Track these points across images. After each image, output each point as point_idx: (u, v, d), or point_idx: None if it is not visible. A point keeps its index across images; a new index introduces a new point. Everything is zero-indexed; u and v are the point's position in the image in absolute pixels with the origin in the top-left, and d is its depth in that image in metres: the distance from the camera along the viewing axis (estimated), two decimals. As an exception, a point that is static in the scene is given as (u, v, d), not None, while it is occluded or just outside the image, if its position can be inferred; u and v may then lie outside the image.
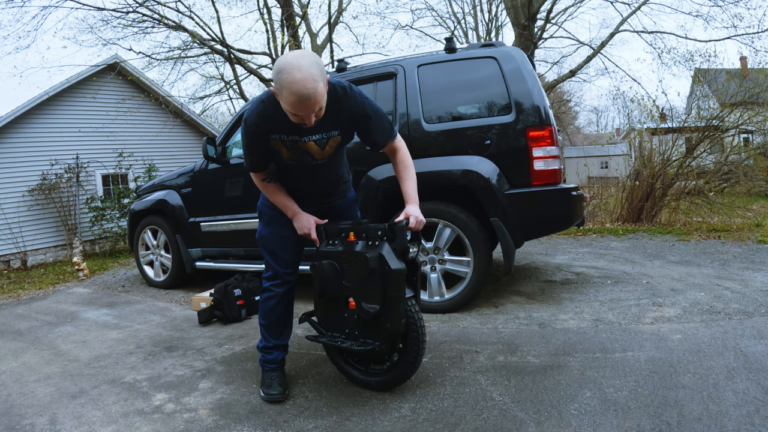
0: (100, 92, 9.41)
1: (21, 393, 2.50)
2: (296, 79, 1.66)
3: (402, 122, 3.43)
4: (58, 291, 5.45)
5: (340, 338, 2.15)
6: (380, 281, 1.96)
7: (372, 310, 1.98)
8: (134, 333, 3.46)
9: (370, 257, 1.96)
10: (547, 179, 3.16)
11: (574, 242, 5.82)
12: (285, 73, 1.67)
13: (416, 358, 2.08)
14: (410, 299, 2.07)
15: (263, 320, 2.32)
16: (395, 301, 1.97)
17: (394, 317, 1.98)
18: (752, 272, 3.82)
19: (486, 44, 3.53)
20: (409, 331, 2.06)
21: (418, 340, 2.05)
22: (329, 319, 2.20)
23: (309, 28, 14.49)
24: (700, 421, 1.74)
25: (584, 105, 48.13)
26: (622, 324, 2.82)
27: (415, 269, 2.14)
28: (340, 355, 2.30)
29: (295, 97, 1.68)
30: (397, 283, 1.95)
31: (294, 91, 1.67)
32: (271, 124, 1.94)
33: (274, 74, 1.73)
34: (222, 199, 4.24)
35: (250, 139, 2.01)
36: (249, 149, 2.06)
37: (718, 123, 7.40)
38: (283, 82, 1.68)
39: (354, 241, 2.08)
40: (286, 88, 1.68)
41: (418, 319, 2.06)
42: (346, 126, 2.05)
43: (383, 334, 2.03)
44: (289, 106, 1.72)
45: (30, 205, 8.52)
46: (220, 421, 2.03)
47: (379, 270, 1.95)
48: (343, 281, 2.07)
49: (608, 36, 12.94)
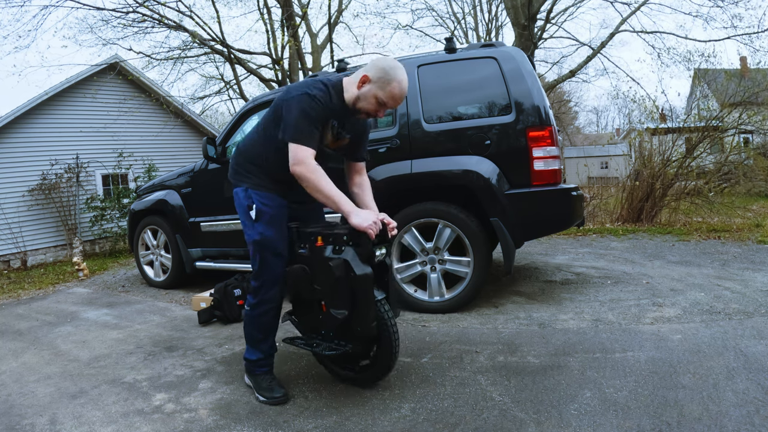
0: (100, 92, 9.41)
1: (21, 393, 2.50)
2: (404, 78, 1.99)
3: (402, 122, 3.43)
4: (58, 291, 5.45)
5: (315, 340, 2.19)
6: (346, 287, 1.97)
7: (340, 316, 1.99)
8: (134, 333, 3.46)
9: (333, 265, 1.96)
10: (547, 179, 3.17)
11: (574, 242, 5.82)
12: (398, 70, 1.98)
13: (390, 357, 2.10)
14: (380, 301, 2.07)
15: (260, 334, 2.21)
16: (364, 305, 1.98)
17: (364, 321, 1.99)
18: (752, 272, 3.82)
19: (486, 44, 3.53)
20: (382, 332, 2.07)
21: (390, 340, 2.07)
22: (306, 320, 2.24)
23: (309, 28, 14.47)
24: (700, 421, 1.74)
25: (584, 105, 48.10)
26: (622, 324, 2.82)
27: (385, 271, 2.13)
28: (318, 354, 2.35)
29: (399, 90, 1.98)
30: (363, 288, 1.96)
31: (401, 85, 1.98)
32: (333, 109, 2.04)
33: (380, 68, 1.98)
34: (222, 199, 4.24)
35: (316, 114, 1.98)
36: (310, 125, 1.97)
37: (717, 123, 7.41)
38: (395, 75, 1.96)
39: (322, 246, 2.07)
40: (396, 81, 1.97)
41: (389, 319, 2.07)
42: (357, 132, 2.21)
43: (355, 337, 2.06)
44: (390, 96, 1.99)
45: (30, 205, 8.51)
46: (220, 421, 2.03)
47: (344, 276, 1.96)
48: (314, 285, 2.08)
49: (608, 36, 12.93)
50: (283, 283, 2.19)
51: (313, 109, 1.96)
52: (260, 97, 4.27)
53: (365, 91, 2.00)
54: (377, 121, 3.56)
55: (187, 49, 10.60)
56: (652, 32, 12.31)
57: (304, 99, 1.95)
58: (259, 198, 2.16)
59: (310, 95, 1.96)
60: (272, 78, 12.00)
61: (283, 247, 2.18)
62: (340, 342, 2.10)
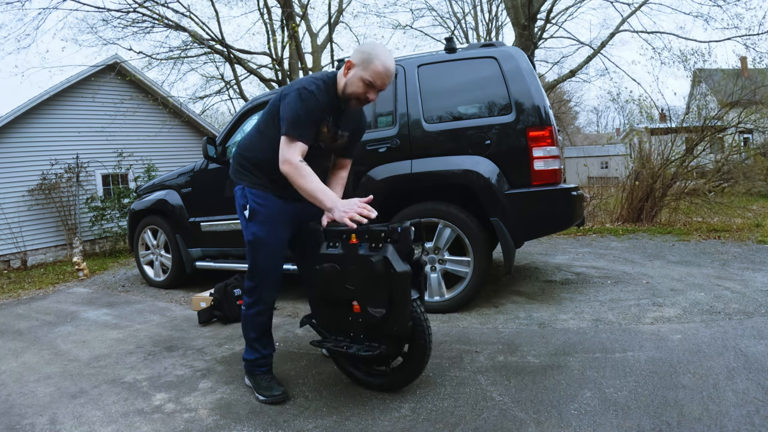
0: (100, 92, 9.40)
1: (21, 393, 2.50)
2: (387, 56, 2.00)
3: (402, 122, 3.43)
4: (58, 291, 5.45)
5: (345, 342, 2.11)
6: (386, 285, 1.93)
7: (378, 314, 1.95)
8: (134, 333, 3.46)
9: (375, 261, 1.92)
10: (547, 179, 3.17)
11: (574, 242, 5.83)
12: (379, 48, 2.01)
13: (423, 358, 2.07)
14: (415, 301, 2.05)
15: (253, 334, 2.22)
16: (401, 304, 1.94)
17: (401, 320, 1.95)
18: (752, 272, 3.82)
19: (486, 44, 3.53)
20: (416, 332, 2.04)
21: (424, 341, 2.04)
22: (332, 322, 2.15)
23: (309, 28, 14.47)
24: (700, 421, 1.74)
25: (584, 105, 48.11)
26: (622, 324, 2.82)
27: (419, 270, 2.11)
28: (343, 356, 2.27)
29: (383, 67, 1.98)
30: (402, 286, 1.92)
31: (384, 63, 1.98)
32: (330, 104, 2.07)
33: (361, 51, 2.01)
34: (222, 199, 4.24)
35: (313, 107, 2.00)
36: (306, 118, 1.98)
37: (717, 122, 7.40)
38: (377, 54, 1.98)
39: (356, 243, 2.02)
40: (377, 58, 1.97)
41: (423, 320, 2.04)
42: (353, 130, 2.25)
43: (390, 337, 2.00)
44: (375, 75, 1.98)
45: (30, 204, 8.51)
46: (220, 421, 2.03)
47: (384, 273, 1.92)
48: (346, 285, 2.01)
49: (608, 36, 12.91)
50: (281, 283, 2.18)
51: (309, 104, 1.98)
52: (260, 97, 4.27)
53: (351, 76, 2.03)
54: (378, 121, 3.56)
55: (188, 49, 10.60)
56: (653, 32, 12.30)
57: (303, 93, 1.98)
58: (253, 197, 2.15)
59: (308, 90, 1.99)
60: (272, 78, 12.00)
61: (279, 247, 2.16)
62: (372, 343, 2.03)
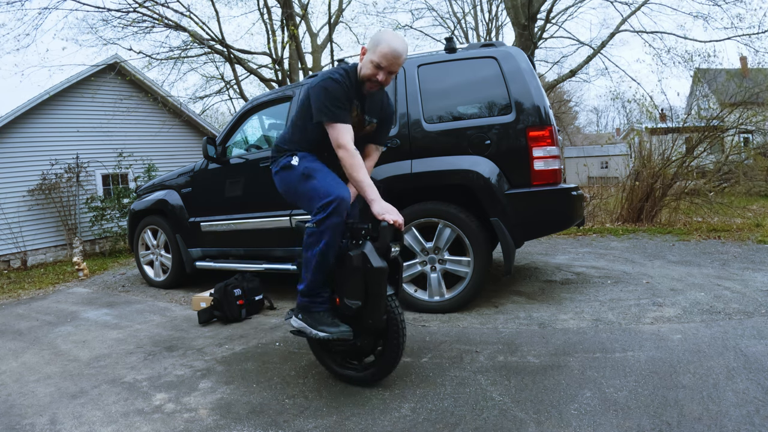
0: (100, 92, 9.41)
1: (21, 393, 2.50)
2: (396, 38, 2.14)
3: (402, 122, 3.43)
4: (58, 291, 5.45)
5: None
6: (362, 278, 2.04)
7: (354, 306, 2.06)
8: (134, 333, 3.46)
9: (353, 255, 2.04)
10: (547, 179, 3.16)
11: (574, 242, 5.82)
12: (386, 33, 2.17)
13: (396, 353, 2.16)
14: (391, 296, 2.14)
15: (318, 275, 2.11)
16: (377, 298, 2.05)
17: (376, 313, 2.06)
18: (752, 272, 3.82)
19: (486, 44, 3.52)
20: (390, 327, 2.13)
21: (398, 335, 2.13)
22: None
23: (309, 28, 14.47)
24: (700, 421, 1.74)
25: (584, 105, 48.11)
26: (622, 324, 2.82)
27: (397, 267, 2.22)
28: (322, 349, 2.37)
29: (389, 48, 2.11)
30: (378, 281, 2.02)
31: (390, 44, 2.11)
32: (354, 89, 2.23)
33: (372, 37, 2.18)
34: (222, 199, 4.24)
35: (339, 91, 2.15)
36: (336, 101, 2.14)
37: (717, 123, 7.40)
38: (384, 37, 2.14)
39: None
40: (385, 41, 2.12)
41: (398, 315, 2.13)
42: (381, 117, 2.41)
43: (364, 329, 2.12)
44: (381, 56, 2.11)
45: (30, 205, 8.52)
46: (220, 421, 2.03)
47: (361, 268, 2.03)
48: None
49: (608, 36, 12.91)
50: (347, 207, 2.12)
51: (337, 90, 2.15)
52: (260, 97, 4.27)
53: (364, 60, 2.21)
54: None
55: (187, 49, 10.60)
56: (653, 32, 12.29)
57: (328, 83, 2.16)
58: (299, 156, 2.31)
59: (332, 78, 2.17)
60: (272, 78, 12.00)
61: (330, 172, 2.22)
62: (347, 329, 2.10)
